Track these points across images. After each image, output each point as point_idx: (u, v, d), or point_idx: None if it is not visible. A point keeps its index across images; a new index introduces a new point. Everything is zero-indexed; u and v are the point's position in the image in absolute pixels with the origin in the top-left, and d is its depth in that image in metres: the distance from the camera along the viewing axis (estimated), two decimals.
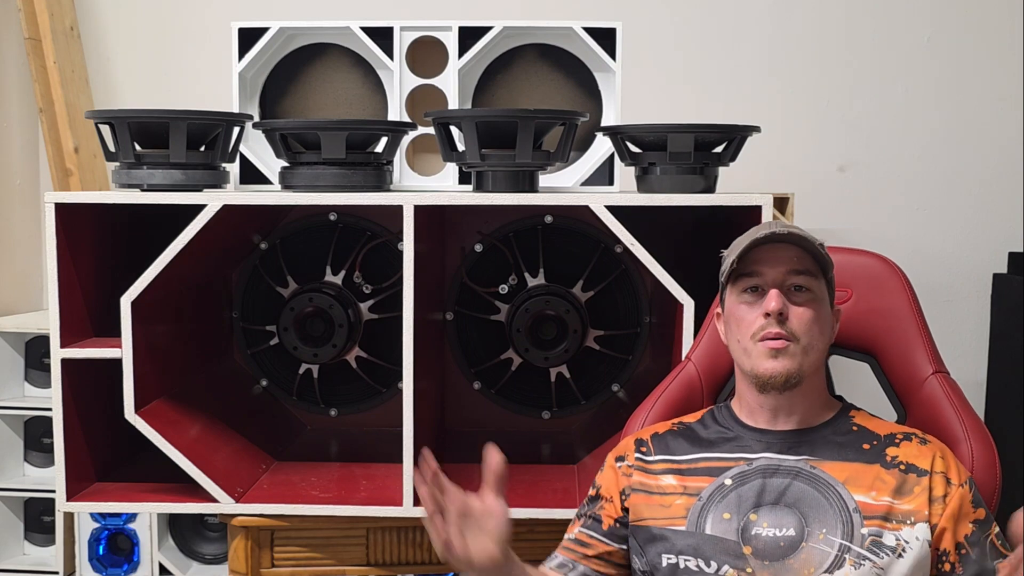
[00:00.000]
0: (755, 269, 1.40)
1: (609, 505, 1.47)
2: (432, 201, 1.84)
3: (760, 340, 1.37)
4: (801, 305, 1.38)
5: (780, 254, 1.40)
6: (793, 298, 1.38)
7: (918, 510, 1.33)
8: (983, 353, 2.93)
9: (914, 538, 1.31)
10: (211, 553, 2.79)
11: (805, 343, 1.37)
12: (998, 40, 2.89)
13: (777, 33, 2.92)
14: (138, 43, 2.98)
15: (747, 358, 1.40)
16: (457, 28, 2.12)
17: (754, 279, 1.40)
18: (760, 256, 1.40)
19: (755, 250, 1.40)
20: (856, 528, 1.31)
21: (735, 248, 1.42)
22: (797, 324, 1.37)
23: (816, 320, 1.38)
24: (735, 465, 1.40)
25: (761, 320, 1.37)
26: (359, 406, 2.38)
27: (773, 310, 1.36)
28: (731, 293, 1.43)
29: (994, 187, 2.93)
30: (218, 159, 1.92)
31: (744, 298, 1.41)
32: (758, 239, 1.39)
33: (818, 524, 1.33)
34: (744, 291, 1.41)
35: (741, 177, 2.40)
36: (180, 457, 1.85)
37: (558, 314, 2.20)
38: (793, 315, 1.37)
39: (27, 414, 2.77)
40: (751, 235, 1.41)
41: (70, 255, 1.87)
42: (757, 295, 1.39)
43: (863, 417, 1.45)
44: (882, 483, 1.34)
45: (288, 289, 2.28)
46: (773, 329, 1.36)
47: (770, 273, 1.39)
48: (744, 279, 1.41)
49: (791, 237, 1.39)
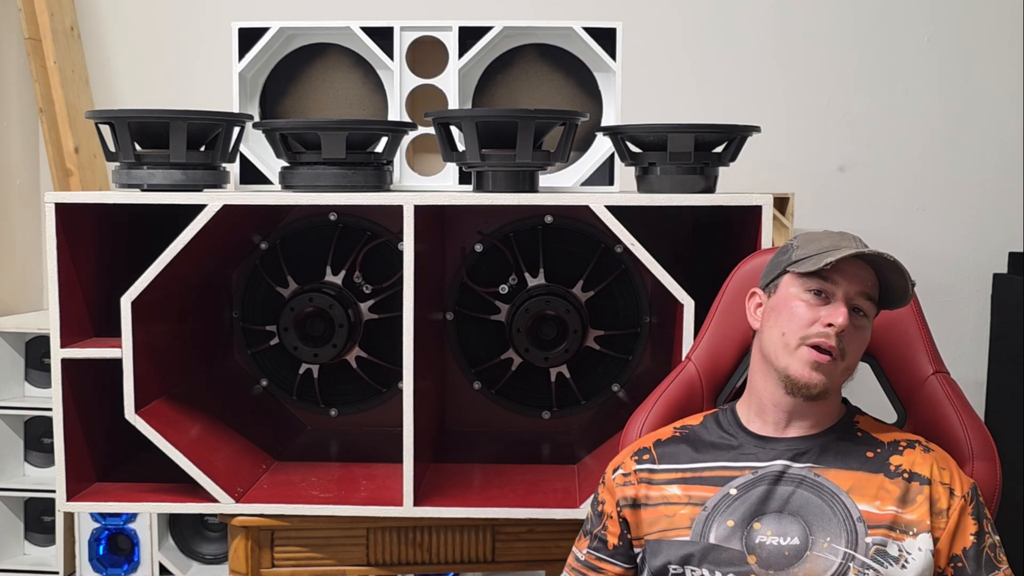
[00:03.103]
0: (831, 276, 1.37)
1: (611, 522, 1.47)
2: (432, 201, 1.84)
3: (810, 345, 1.36)
4: (858, 328, 1.38)
5: (861, 273, 1.38)
6: (853, 319, 1.37)
7: (920, 520, 1.32)
8: (983, 353, 2.93)
9: (916, 549, 1.31)
10: (211, 553, 2.79)
11: (848, 364, 1.38)
12: (998, 40, 2.89)
13: (777, 33, 2.92)
14: (138, 43, 2.98)
15: (786, 354, 1.38)
16: (457, 28, 2.12)
17: (826, 284, 1.38)
18: (841, 266, 1.37)
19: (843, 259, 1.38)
20: (860, 537, 1.31)
21: (816, 247, 1.39)
22: (850, 343, 1.37)
23: (863, 344, 1.40)
24: (740, 475, 1.39)
25: (819, 327, 1.35)
26: (359, 406, 2.38)
27: (841, 325, 1.34)
28: (792, 283, 1.40)
29: (994, 187, 2.93)
30: (218, 159, 1.92)
31: (807, 296, 1.38)
32: (854, 254, 1.35)
33: (822, 533, 1.32)
34: (809, 290, 1.38)
35: (741, 177, 2.40)
36: (180, 457, 1.85)
37: (558, 314, 2.20)
38: (847, 334, 1.36)
39: (27, 414, 2.77)
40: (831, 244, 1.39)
41: (70, 255, 1.86)
42: (821, 300, 1.38)
43: (868, 422, 1.45)
44: (886, 492, 1.34)
45: (288, 289, 2.28)
46: (831, 341, 1.35)
47: (844, 286, 1.37)
48: (815, 279, 1.38)
49: (895, 266, 1.37)
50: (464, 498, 1.90)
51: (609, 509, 1.47)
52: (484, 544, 1.95)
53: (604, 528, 1.48)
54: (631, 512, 1.44)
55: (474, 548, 1.95)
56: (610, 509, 1.47)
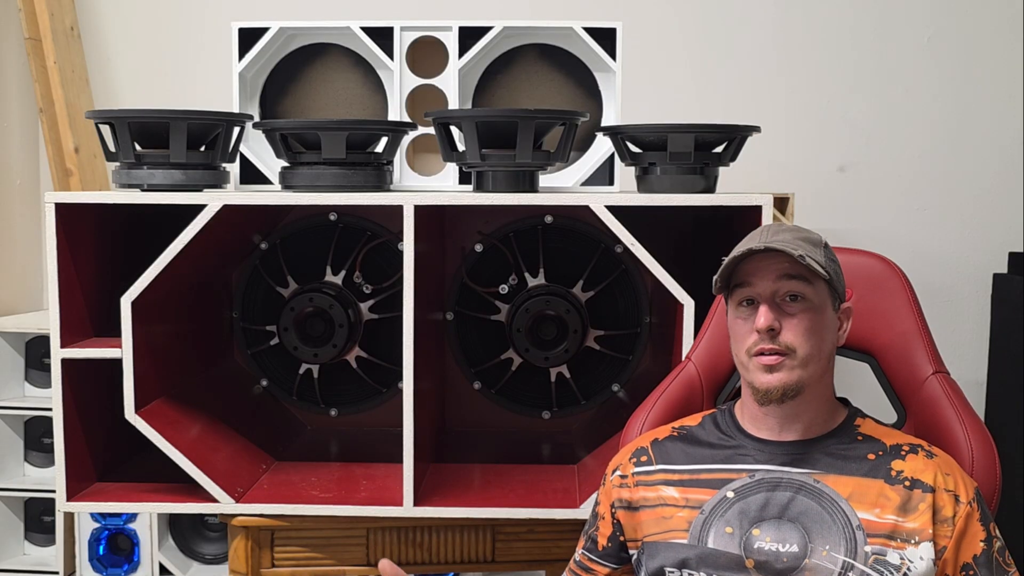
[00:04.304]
0: (747, 280, 1.35)
1: (602, 523, 1.47)
2: (432, 201, 1.84)
3: (755, 355, 1.34)
4: (796, 315, 1.33)
5: (770, 262, 1.34)
6: (787, 308, 1.33)
7: (922, 529, 1.30)
8: (983, 353, 2.93)
9: (918, 558, 1.29)
10: (211, 553, 2.79)
11: (803, 354, 1.33)
12: (998, 40, 2.89)
13: (777, 33, 2.92)
14: (138, 43, 2.98)
15: (745, 372, 1.37)
16: (457, 28, 2.12)
17: (747, 290, 1.35)
18: (751, 266, 1.35)
19: (746, 260, 1.36)
20: (859, 546, 1.29)
21: (727, 261, 1.37)
22: (792, 336, 1.33)
23: (813, 329, 1.34)
24: (737, 477, 1.37)
25: (754, 335, 1.34)
26: (359, 406, 2.38)
27: (762, 327, 1.32)
28: (729, 306, 1.40)
29: (994, 187, 2.93)
30: (218, 159, 1.92)
31: (740, 312, 1.37)
32: (736, 256, 1.34)
33: (821, 540, 1.30)
34: (740, 304, 1.37)
35: (741, 177, 2.40)
36: (180, 457, 1.85)
37: (558, 314, 2.20)
38: (787, 327, 1.33)
39: (27, 414, 2.77)
40: (740, 246, 1.36)
41: (70, 255, 1.87)
42: (752, 308, 1.35)
43: (869, 425, 1.42)
44: (886, 500, 1.32)
45: (288, 289, 2.28)
46: (766, 345, 1.33)
47: (761, 284, 1.34)
48: (738, 290, 1.37)
49: (770, 250, 1.33)
50: (464, 498, 1.90)
51: (603, 510, 1.47)
52: (484, 544, 1.95)
53: (596, 528, 1.48)
54: (626, 514, 1.43)
55: (474, 548, 1.95)
56: (603, 510, 1.47)
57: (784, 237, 1.35)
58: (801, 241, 1.35)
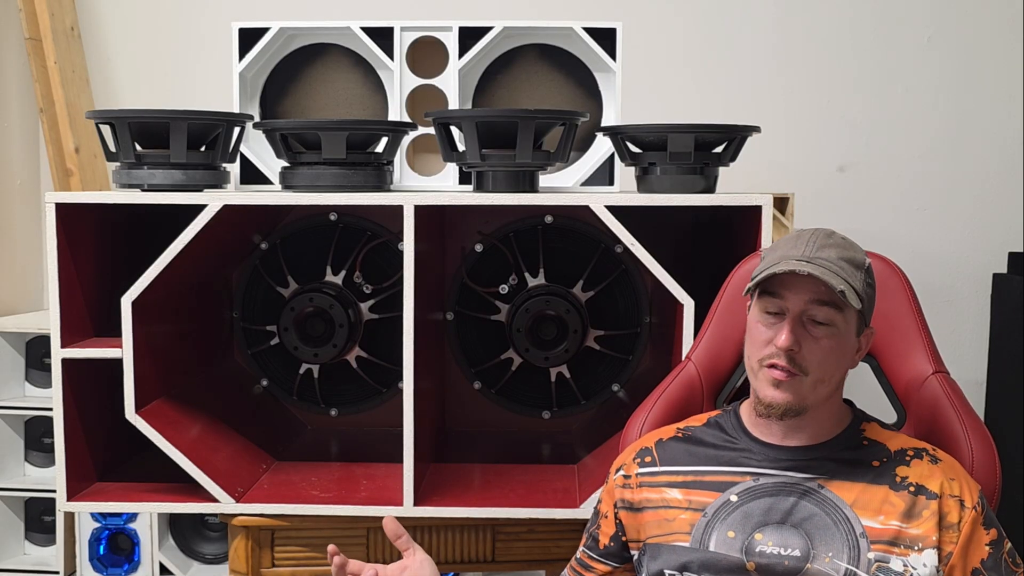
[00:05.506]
0: (779, 291, 1.32)
1: (604, 522, 1.46)
2: (432, 201, 1.84)
3: (767, 366, 1.32)
4: (819, 338, 1.31)
5: (807, 282, 1.30)
6: (812, 330, 1.31)
7: (926, 535, 1.29)
8: (983, 353, 2.93)
9: (921, 564, 1.28)
10: (211, 553, 2.79)
11: (816, 377, 1.31)
12: (998, 40, 2.89)
13: (777, 33, 2.92)
14: (138, 43, 2.98)
15: (753, 378, 1.36)
16: (457, 28, 2.13)
17: (777, 302, 1.32)
18: (786, 279, 1.32)
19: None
20: (862, 553, 1.28)
21: (763, 263, 1.34)
22: (810, 357, 1.31)
23: (833, 353, 1.32)
24: (741, 480, 1.36)
25: (773, 347, 1.31)
26: (359, 406, 2.38)
27: (783, 346, 1.29)
28: (755, 305, 1.37)
29: (994, 187, 2.93)
30: (218, 159, 1.92)
31: (764, 317, 1.34)
32: (777, 272, 1.30)
33: (824, 547, 1.29)
34: (766, 310, 1.34)
35: (741, 177, 2.40)
36: (180, 457, 1.85)
37: (558, 314, 2.20)
38: (807, 348, 1.30)
39: (27, 414, 2.77)
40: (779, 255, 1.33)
41: (70, 255, 1.87)
42: (777, 319, 1.32)
43: (874, 430, 1.41)
44: (891, 506, 1.31)
45: (288, 289, 2.28)
46: (780, 361, 1.31)
47: (792, 300, 1.31)
48: (767, 298, 1.33)
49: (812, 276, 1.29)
50: (464, 498, 1.91)
51: (605, 509, 1.47)
52: (484, 544, 1.95)
53: (598, 527, 1.48)
54: (629, 515, 1.43)
55: (474, 548, 1.95)
56: (606, 509, 1.47)
57: (829, 255, 1.31)
58: (845, 263, 1.31)
